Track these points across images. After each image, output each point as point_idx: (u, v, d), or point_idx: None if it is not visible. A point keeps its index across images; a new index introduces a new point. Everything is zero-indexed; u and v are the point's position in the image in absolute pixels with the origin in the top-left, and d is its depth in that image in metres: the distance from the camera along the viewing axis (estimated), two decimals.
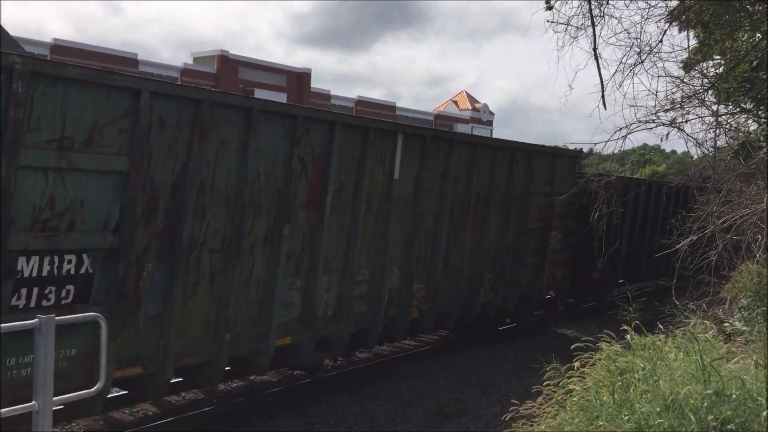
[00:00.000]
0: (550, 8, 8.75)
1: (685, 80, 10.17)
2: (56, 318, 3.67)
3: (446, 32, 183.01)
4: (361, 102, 67.27)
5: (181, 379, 8.41)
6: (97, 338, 4.47)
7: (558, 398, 5.12)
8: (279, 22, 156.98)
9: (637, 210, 17.94)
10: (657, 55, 9.19)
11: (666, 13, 9.09)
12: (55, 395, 3.70)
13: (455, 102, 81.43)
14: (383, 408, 9.59)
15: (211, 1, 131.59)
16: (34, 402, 3.59)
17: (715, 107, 10.06)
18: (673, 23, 9.28)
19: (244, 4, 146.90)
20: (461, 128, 76.93)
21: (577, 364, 5.41)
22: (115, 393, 8.50)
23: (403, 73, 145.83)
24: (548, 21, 8.84)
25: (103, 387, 4.01)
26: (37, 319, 3.60)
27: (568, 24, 8.81)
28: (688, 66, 10.22)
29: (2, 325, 3.58)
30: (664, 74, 9.54)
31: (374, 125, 9.31)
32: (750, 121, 10.99)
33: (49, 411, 3.63)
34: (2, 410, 3.54)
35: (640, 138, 53.55)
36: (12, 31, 24.10)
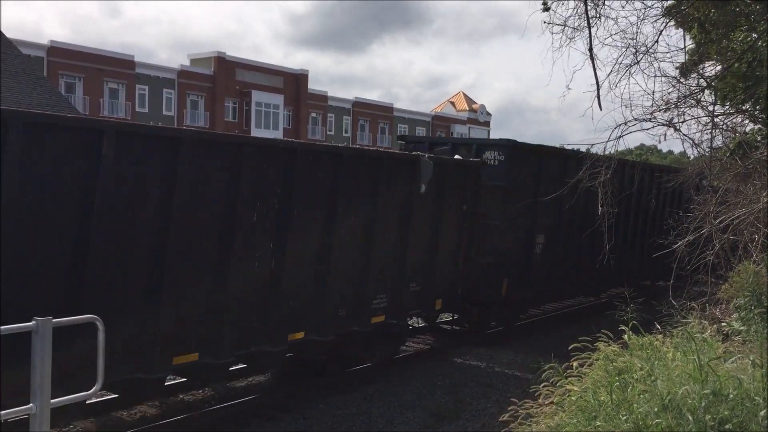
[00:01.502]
0: (547, 9, 8.75)
1: (681, 80, 10.17)
2: (53, 320, 3.67)
3: (444, 34, 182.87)
4: (358, 103, 67.33)
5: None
6: None
7: (556, 399, 5.12)
8: (277, 23, 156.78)
9: None
10: (653, 55, 9.19)
11: (662, 11, 9.10)
12: None
13: (452, 103, 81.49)
14: (381, 409, 9.59)
15: (210, 1, 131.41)
16: (31, 404, 3.58)
17: (711, 107, 10.06)
18: (670, 22, 9.28)
19: (242, 5, 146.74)
20: (458, 129, 77.05)
21: (575, 365, 5.41)
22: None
23: (401, 74, 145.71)
24: (545, 22, 8.85)
25: (100, 389, 3.99)
26: (34, 322, 3.59)
27: (564, 25, 8.81)
28: (684, 69, 10.22)
29: (2, 327, 3.57)
30: (660, 74, 9.54)
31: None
32: (746, 121, 11.01)
33: (47, 413, 3.62)
34: (1, 413, 3.53)
35: (636, 138, 53.67)
36: (8, 33, 24.06)
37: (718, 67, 10.40)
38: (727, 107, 10.56)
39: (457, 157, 12.48)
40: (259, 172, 8.23)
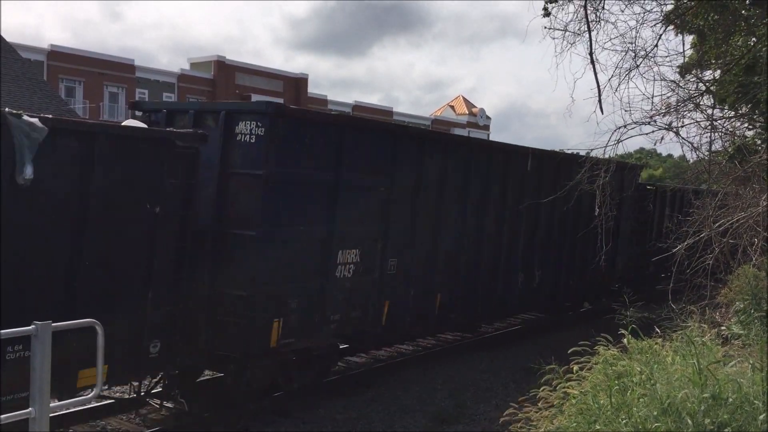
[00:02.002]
0: (547, 15, 8.80)
1: (680, 84, 10.20)
2: (53, 324, 3.68)
3: (445, 37, 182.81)
4: (358, 107, 67.37)
5: None
6: None
7: (556, 402, 5.12)
8: (277, 27, 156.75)
9: None
10: (652, 59, 9.23)
11: (661, 17, 9.13)
12: None
13: (452, 107, 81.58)
14: (381, 414, 9.58)
15: (211, 2, 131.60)
16: (31, 408, 3.59)
17: (710, 111, 10.09)
18: (669, 27, 9.32)
19: (242, 9, 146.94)
20: (458, 133, 77.17)
21: (575, 368, 5.42)
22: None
23: (401, 77, 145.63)
24: (546, 27, 8.89)
25: (99, 393, 3.99)
26: (33, 326, 3.60)
27: (565, 30, 8.85)
28: (684, 71, 10.25)
29: (2, 331, 3.57)
30: (659, 78, 9.57)
31: None
32: (745, 125, 11.02)
33: (46, 417, 3.62)
34: (1, 417, 3.54)
35: (636, 142, 53.60)
36: (9, 37, 24.08)
37: (718, 72, 10.42)
38: (726, 111, 10.58)
39: (130, 122, 8.45)
40: None
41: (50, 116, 6.64)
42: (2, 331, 3.59)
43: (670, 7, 9.31)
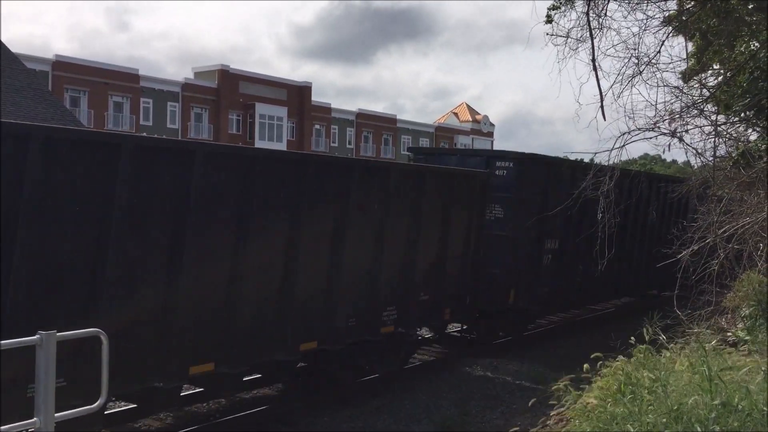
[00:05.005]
0: (549, 21, 8.79)
1: (684, 90, 10.18)
2: (57, 334, 3.66)
3: (452, 45, 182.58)
4: (361, 114, 67.53)
5: None
6: None
7: (563, 411, 5.09)
8: (283, 36, 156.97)
9: None
10: (655, 65, 9.22)
11: (663, 20, 9.12)
12: None
13: (456, 114, 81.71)
14: (387, 422, 9.54)
15: (218, 12, 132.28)
16: (36, 419, 3.57)
17: (714, 117, 10.06)
18: (671, 32, 9.31)
19: (249, 18, 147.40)
20: (462, 140, 77.25)
21: (583, 376, 5.39)
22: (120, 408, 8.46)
23: (407, 85, 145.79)
24: (548, 34, 8.89)
25: (104, 403, 3.98)
26: (38, 336, 3.58)
27: (567, 36, 8.85)
28: (687, 76, 10.23)
29: (2, 342, 3.56)
30: (662, 84, 9.55)
31: None
32: (750, 131, 11.00)
33: (51, 427, 3.61)
34: (3, 427, 3.53)
35: (640, 148, 53.50)
36: (17, 48, 24.20)
37: (721, 77, 10.41)
38: (730, 117, 10.55)
39: None
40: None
41: None
42: (3, 341, 3.57)
43: (672, 11, 9.31)
